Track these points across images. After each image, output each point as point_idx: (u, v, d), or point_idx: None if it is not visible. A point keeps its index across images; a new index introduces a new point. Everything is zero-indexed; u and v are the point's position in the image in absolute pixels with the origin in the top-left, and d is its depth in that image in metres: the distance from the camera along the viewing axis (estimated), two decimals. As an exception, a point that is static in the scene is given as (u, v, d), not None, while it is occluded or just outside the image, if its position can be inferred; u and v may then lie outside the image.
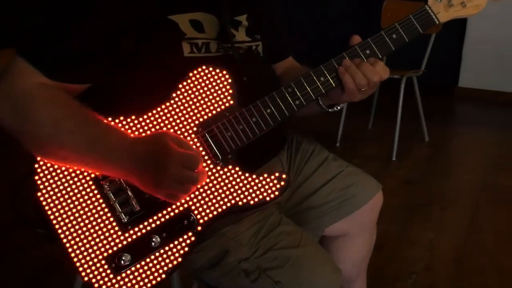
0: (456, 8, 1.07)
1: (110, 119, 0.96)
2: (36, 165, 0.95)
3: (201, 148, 0.97)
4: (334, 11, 4.68)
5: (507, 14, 3.97)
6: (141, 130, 0.97)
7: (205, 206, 0.96)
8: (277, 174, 0.98)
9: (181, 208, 0.95)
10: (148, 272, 0.93)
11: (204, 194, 0.96)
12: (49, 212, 0.94)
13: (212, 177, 0.97)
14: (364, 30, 1.10)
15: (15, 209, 0.98)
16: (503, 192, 2.58)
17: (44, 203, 0.94)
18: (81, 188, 0.95)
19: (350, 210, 1.23)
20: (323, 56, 1.06)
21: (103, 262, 0.92)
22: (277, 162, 1.18)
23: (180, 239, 0.94)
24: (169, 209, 0.95)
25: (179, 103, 0.99)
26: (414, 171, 2.86)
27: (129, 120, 0.97)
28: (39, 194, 0.94)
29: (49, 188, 0.95)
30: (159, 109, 0.98)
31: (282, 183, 0.97)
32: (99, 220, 0.94)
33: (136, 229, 0.94)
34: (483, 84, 4.36)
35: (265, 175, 0.98)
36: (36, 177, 0.95)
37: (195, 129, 0.98)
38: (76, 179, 0.95)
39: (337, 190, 1.22)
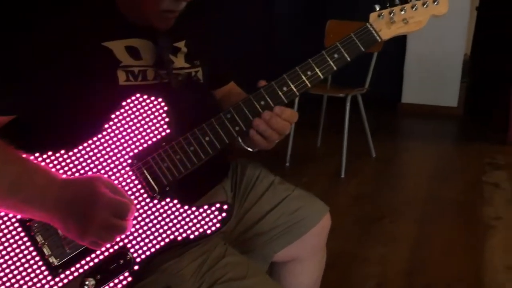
0: (398, 25, 1.06)
1: (37, 154, 0.90)
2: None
3: (136, 182, 0.92)
4: (282, 32, 4.71)
5: (444, 30, 4.12)
6: (71, 166, 0.91)
7: (142, 244, 0.90)
8: (218, 205, 0.94)
9: (116, 247, 0.89)
10: (83, 319, 0.86)
11: (140, 231, 0.90)
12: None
13: (149, 212, 0.92)
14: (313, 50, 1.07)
15: None
16: (447, 203, 2.64)
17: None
18: (5, 231, 0.87)
19: (298, 234, 1.20)
20: (272, 76, 1.04)
21: (31, 311, 0.85)
22: (220, 191, 1.14)
23: (116, 280, 0.88)
24: (103, 248, 0.88)
25: (112, 135, 0.93)
26: (363, 187, 2.89)
27: (58, 155, 0.91)
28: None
29: (-30, 233, 0.87)
30: (90, 142, 0.92)
31: (224, 214, 0.93)
32: (26, 265, 0.86)
33: (68, 272, 0.87)
34: (424, 99, 4.50)
35: (205, 207, 0.93)
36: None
37: (129, 161, 0.93)
38: (0, 221, 0.88)
39: (285, 214, 1.20)
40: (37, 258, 0.87)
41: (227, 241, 1.08)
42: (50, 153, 0.91)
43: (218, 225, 0.93)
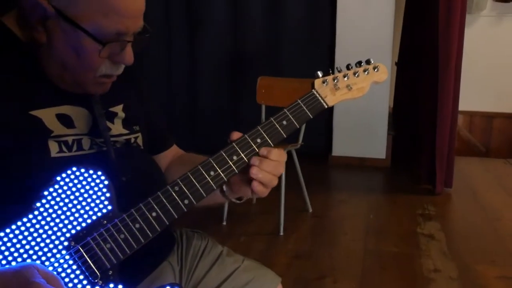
0: (342, 92, 1.06)
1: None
2: None
3: (74, 267, 0.82)
4: (205, 88, 4.72)
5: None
6: (-4, 252, 0.79)
7: None
8: (168, 287, 0.85)
9: None
10: None
11: (80, 324, 0.79)
12: None
13: (90, 301, 0.81)
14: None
15: None
16: (385, 257, 2.66)
17: None
18: None
19: (251, 310, 1.12)
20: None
21: None
22: (167, 268, 1.05)
23: None
24: None
25: (44, 214, 0.83)
26: (303, 245, 2.85)
27: (-20, 239, 0.79)
28: None
29: None
30: (19, 223, 0.82)
31: (175, 297, 0.85)
32: None
33: None
34: (352, 152, 4.63)
35: (154, 291, 0.84)
36: None
37: (66, 243, 0.83)
38: None
39: None
40: None
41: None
42: (-29, 237, 0.79)
43: (168, 310, 0.84)
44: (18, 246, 0.80)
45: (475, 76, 4.96)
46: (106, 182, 0.87)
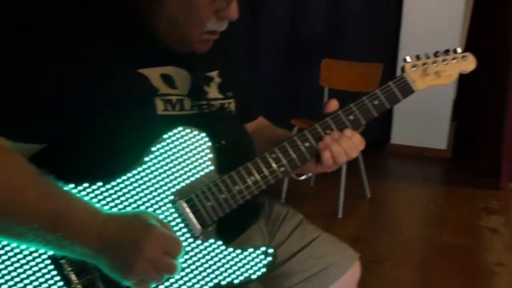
0: (431, 77, 1.08)
1: (72, 185, 0.84)
2: (-21, 242, 0.80)
3: (178, 220, 0.86)
4: (265, 70, 4.72)
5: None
6: (109, 199, 0.85)
7: (184, 287, 0.84)
8: (263, 249, 0.89)
9: (156, 290, 0.83)
10: None
11: (183, 273, 0.84)
12: (-6, 300, 0.78)
13: (192, 253, 0.86)
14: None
15: None
16: (446, 247, 2.62)
17: (-12, 288, 0.78)
18: (35, 269, 0.80)
19: (326, 281, 1.14)
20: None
21: None
22: (256, 231, 1.09)
23: (154, 327, 0.81)
24: (142, 291, 0.82)
25: (152, 168, 0.88)
26: (361, 228, 2.85)
27: (95, 187, 0.85)
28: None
29: (-5, 270, 0.79)
30: (130, 174, 0.87)
31: (269, 258, 0.88)
32: (57, 308, 0.79)
33: (102, 316, 0.80)
34: (412, 141, 4.54)
35: (251, 250, 0.88)
36: (-21, 256, 0.80)
37: (171, 198, 0.87)
38: (29, 257, 0.81)
39: (312, 258, 1.14)
40: (69, 301, 0.80)
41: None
42: (86, 184, 0.85)
43: (263, 269, 0.87)
44: (128, 196, 0.86)
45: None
46: (209, 144, 0.91)
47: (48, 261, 0.81)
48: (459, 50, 1.12)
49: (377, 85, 1.03)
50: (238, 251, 0.87)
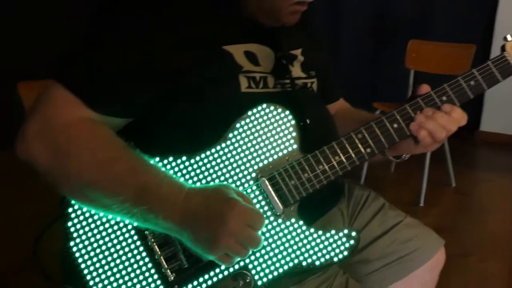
0: None
1: (157, 159, 0.85)
2: (70, 210, 0.83)
3: (260, 198, 0.85)
4: (346, 51, 4.58)
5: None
6: (193, 174, 0.85)
7: (264, 265, 0.83)
8: (346, 231, 0.85)
9: (237, 267, 0.82)
10: None
11: (263, 251, 0.83)
12: (83, 266, 0.81)
13: (273, 232, 0.84)
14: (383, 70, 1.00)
15: (38, 261, 0.84)
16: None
17: (77, 254, 0.82)
18: (121, 238, 0.83)
19: (410, 268, 1.10)
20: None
21: (144, 327, 0.79)
22: (337, 213, 1.06)
23: (233, 303, 0.81)
24: (223, 267, 0.82)
25: (236, 145, 0.87)
26: (444, 219, 2.72)
27: (179, 161, 0.86)
28: (71, 244, 0.82)
29: (84, 238, 0.83)
30: (213, 150, 0.87)
31: (352, 241, 0.85)
32: (141, 277, 0.81)
33: (183, 289, 0.81)
34: (504, 128, 4.26)
35: (333, 232, 0.85)
36: (69, 224, 0.83)
37: (253, 175, 0.86)
38: (116, 227, 0.83)
39: (396, 242, 1.10)
40: (152, 271, 0.82)
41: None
42: (171, 158, 0.86)
43: (345, 253, 0.84)
44: (211, 171, 0.86)
45: None
46: (293, 122, 0.89)
47: (133, 232, 0.83)
48: None
49: (469, 68, 0.95)
50: (320, 232, 0.85)
